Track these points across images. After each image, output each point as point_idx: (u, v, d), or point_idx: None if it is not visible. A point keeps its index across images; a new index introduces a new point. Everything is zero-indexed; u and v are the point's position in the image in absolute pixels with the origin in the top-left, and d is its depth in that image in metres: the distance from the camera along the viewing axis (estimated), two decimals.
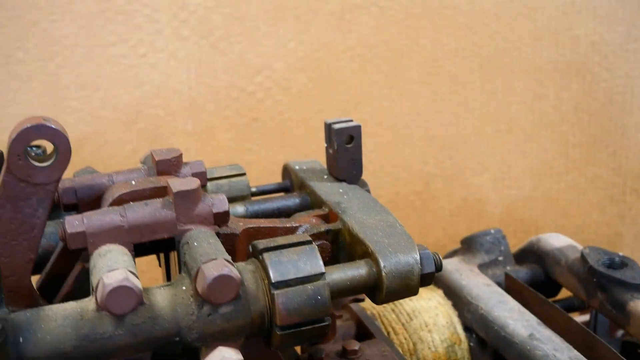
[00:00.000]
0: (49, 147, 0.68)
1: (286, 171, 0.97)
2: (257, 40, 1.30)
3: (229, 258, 0.63)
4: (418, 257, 0.71)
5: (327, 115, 1.35)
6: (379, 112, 1.37)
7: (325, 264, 0.68)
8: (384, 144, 1.40)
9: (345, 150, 0.86)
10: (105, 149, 1.27)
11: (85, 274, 0.66)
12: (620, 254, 1.03)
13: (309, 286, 0.65)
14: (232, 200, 0.90)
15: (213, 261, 0.62)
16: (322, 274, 0.65)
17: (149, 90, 1.26)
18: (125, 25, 1.23)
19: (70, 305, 0.62)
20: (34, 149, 0.81)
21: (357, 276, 0.70)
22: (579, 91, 1.46)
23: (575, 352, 0.87)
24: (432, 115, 1.40)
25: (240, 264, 0.67)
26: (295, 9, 1.30)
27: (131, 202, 0.67)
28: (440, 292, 1.07)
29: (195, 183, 0.67)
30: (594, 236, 1.60)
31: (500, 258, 1.15)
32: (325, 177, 0.90)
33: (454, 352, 1.02)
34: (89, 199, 0.73)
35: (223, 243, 0.71)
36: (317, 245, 0.75)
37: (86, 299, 0.62)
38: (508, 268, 1.14)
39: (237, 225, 0.75)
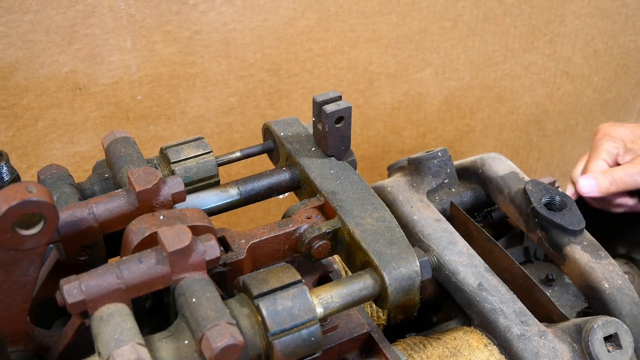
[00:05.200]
0: None
1: (268, 132, 0.96)
2: None
3: (231, 319, 0.66)
4: (418, 269, 0.76)
5: (273, 25, 1.30)
6: (325, 18, 1.33)
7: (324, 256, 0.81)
8: (329, 48, 1.37)
9: (335, 130, 0.87)
10: (41, 72, 1.20)
11: (85, 329, 0.68)
12: (560, 191, 1.11)
13: (303, 331, 0.70)
14: (200, 181, 0.90)
15: (216, 327, 0.65)
16: (315, 317, 0.70)
17: (83, 10, 1.17)
18: None
19: None
20: None
21: (364, 291, 0.75)
22: None
23: (519, 304, 0.97)
24: (379, 17, 1.36)
25: (235, 306, 0.71)
26: None
27: (125, 258, 0.68)
28: None
29: (187, 237, 0.68)
30: (523, 116, 1.68)
31: (446, 180, 1.21)
32: (313, 149, 0.90)
33: None
34: (72, 235, 0.73)
35: (231, 270, 0.76)
36: (319, 245, 0.81)
37: None
38: (453, 190, 1.21)
39: (239, 247, 0.77)
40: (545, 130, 1.75)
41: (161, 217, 0.72)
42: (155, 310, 0.79)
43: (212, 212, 0.88)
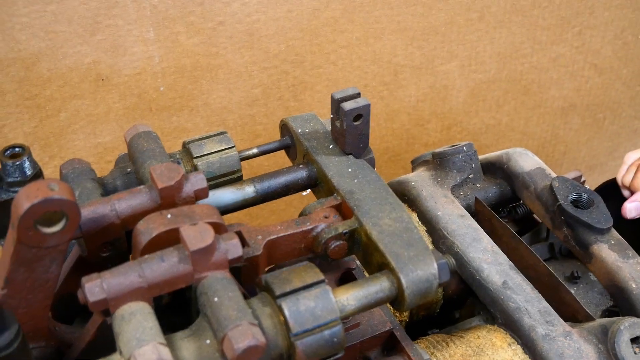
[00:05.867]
0: None
1: (285, 128, 0.94)
2: None
3: (253, 319, 0.65)
4: (436, 271, 0.75)
5: (297, 16, 1.29)
6: (350, 9, 1.31)
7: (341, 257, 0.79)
8: (354, 40, 1.35)
9: (353, 128, 0.85)
10: (64, 62, 1.19)
11: (107, 327, 0.68)
12: (587, 188, 1.09)
13: (326, 331, 0.69)
14: (222, 176, 0.89)
15: (239, 328, 0.64)
16: (337, 318, 0.69)
17: (105, 0, 1.16)
18: None
19: None
20: None
21: (381, 294, 0.74)
22: None
23: (544, 304, 0.96)
24: (404, 8, 1.34)
25: (257, 305, 0.70)
26: None
27: (146, 256, 0.67)
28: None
29: (210, 236, 0.67)
30: (550, 109, 1.66)
31: (471, 175, 1.19)
32: (331, 147, 0.89)
33: None
34: (94, 231, 0.72)
35: (247, 267, 0.75)
36: (335, 245, 0.79)
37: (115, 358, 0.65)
38: (478, 185, 1.19)
39: (256, 243, 0.76)
40: (572, 124, 1.72)
41: (169, 216, 0.71)
42: (175, 306, 0.78)
43: (227, 209, 0.87)
